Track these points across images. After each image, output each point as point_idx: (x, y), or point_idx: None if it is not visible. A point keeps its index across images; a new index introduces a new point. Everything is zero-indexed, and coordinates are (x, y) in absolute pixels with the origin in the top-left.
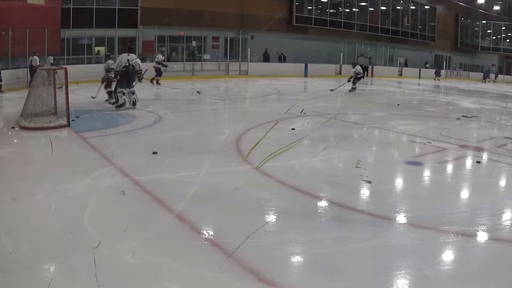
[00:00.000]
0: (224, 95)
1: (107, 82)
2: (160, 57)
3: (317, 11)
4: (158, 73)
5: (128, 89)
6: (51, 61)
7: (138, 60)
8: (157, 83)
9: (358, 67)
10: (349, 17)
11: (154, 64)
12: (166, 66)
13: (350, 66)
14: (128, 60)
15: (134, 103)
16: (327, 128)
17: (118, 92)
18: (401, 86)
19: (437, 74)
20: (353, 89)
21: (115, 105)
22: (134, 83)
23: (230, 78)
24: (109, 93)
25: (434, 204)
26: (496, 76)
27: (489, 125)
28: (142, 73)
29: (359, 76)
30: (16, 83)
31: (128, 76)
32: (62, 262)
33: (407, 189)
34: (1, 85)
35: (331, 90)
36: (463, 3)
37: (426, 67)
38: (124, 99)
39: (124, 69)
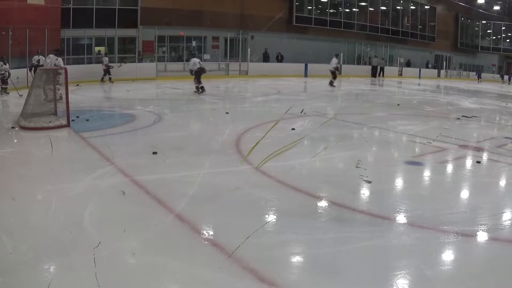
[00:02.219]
0: (224, 95)
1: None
2: (335, 61)
3: (317, 11)
4: (334, 75)
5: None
6: (106, 62)
7: (61, 61)
8: (333, 85)
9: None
10: (349, 17)
11: (330, 67)
12: (338, 71)
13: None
14: (55, 64)
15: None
16: (327, 128)
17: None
18: (401, 86)
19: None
20: None
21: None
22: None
23: (230, 78)
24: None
25: (434, 204)
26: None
27: (489, 125)
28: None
29: None
30: (16, 83)
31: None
32: (62, 262)
33: (407, 189)
34: (6, 87)
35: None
36: (463, 3)
37: (428, 67)
38: (61, 94)
39: None
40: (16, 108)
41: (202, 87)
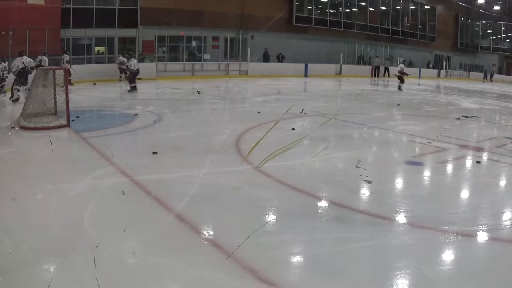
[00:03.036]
0: (224, 95)
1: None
2: (402, 66)
3: (317, 11)
4: (401, 80)
5: (23, 86)
6: (120, 61)
7: (31, 61)
8: (400, 89)
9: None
10: (349, 17)
11: (396, 73)
12: (407, 75)
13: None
14: (23, 62)
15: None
16: (327, 128)
17: (14, 89)
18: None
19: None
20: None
21: (12, 99)
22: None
23: (230, 78)
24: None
25: (434, 204)
26: (491, 76)
27: (489, 125)
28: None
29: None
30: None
31: (24, 76)
32: (62, 262)
33: (407, 189)
34: (3, 85)
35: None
36: (463, 3)
37: (428, 67)
38: (18, 95)
39: (21, 70)
40: (16, 108)
41: (135, 87)
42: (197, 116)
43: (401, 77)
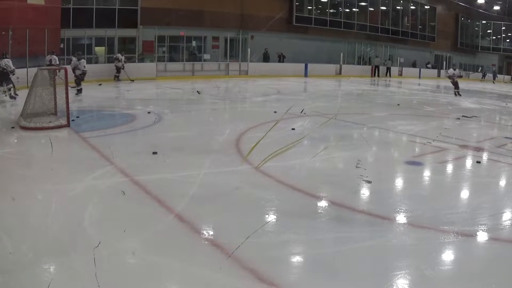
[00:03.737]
0: (224, 95)
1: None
2: (451, 71)
3: (317, 11)
4: (456, 86)
5: (5, 86)
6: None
7: (9, 62)
8: (458, 94)
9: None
10: (349, 17)
11: (451, 79)
12: (461, 76)
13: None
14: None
15: (12, 97)
16: (327, 128)
17: None
18: (401, 86)
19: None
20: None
21: None
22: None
23: (230, 78)
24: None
25: (434, 204)
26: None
27: (489, 125)
28: (14, 70)
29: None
30: (16, 83)
31: (3, 77)
32: (62, 262)
33: (407, 189)
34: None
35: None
36: (463, 3)
37: (427, 67)
38: None
39: (0, 71)
40: (16, 108)
41: (81, 89)
42: (197, 116)
43: (453, 83)
